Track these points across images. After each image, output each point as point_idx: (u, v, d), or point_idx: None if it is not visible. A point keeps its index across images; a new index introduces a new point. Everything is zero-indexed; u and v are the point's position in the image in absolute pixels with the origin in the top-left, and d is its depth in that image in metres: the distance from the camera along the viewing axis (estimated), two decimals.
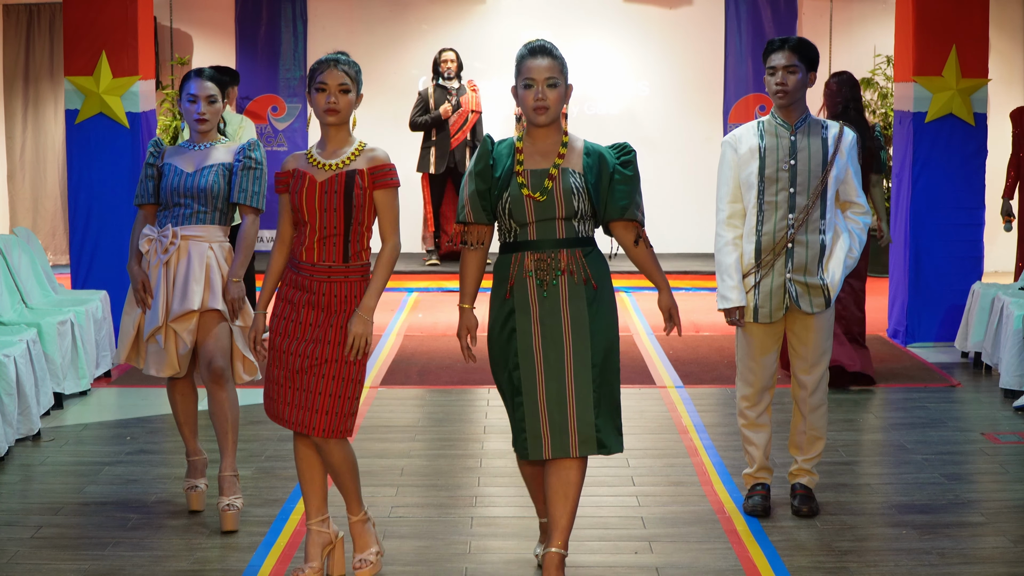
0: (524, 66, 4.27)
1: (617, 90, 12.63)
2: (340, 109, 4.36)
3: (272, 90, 12.65)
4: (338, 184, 4.33)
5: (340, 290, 4.36)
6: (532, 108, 4.25)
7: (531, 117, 4.28)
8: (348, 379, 4.37)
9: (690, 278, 11.42)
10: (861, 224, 5.22)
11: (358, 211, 4.34)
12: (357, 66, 4.44)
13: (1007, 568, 4.75)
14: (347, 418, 4.40)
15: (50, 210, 12.72)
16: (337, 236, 4.35)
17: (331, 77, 4.36)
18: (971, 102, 8.73)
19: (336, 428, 4.38)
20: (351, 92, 4.39)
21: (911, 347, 8.80)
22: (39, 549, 4.91)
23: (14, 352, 6.29)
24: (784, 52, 5.08)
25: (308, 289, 4.38)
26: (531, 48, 4.30)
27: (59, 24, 12.32)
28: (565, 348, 4.23)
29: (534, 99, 4.24)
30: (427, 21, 12.63)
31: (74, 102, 8.45)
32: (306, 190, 4.35)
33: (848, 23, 12.57)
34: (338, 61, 4.40)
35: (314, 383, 4.36)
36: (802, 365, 5.26)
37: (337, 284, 4.36)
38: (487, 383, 7.69)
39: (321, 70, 4.38)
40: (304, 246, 4.38)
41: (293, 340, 4.39)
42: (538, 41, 4.33)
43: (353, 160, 4.38)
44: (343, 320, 4.36)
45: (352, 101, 4.40)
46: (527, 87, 4.26)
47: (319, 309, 4.37)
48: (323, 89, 4.36)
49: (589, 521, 5.13)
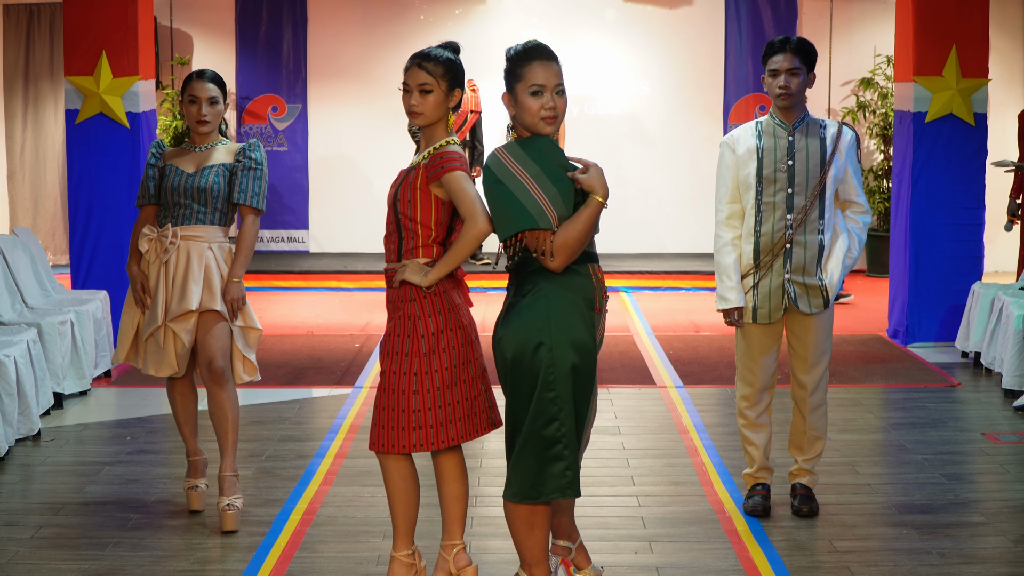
0: (528, 71, 3.97)
1: (617, 90, 12.63)
2: (424, 111, 4.19)
3: (272, 90, 12.64)
4: (400, 180, 4.25)
5: (395, 296, 4.23)
6: (540, 117, 3.97)
7: (537, 127, 3.99)
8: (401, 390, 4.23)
9: (690, 278, 11.42)
10: (861, 224, 5.22)
11: (404, 205, 4.18)
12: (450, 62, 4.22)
13: (1007, 568, 4.75)
14: (402, 432, 4.21)
15: (50, 210, 12.72)
16: (393, 234, 4.24)
17: (411, 77, 4.19)
18: (971, 102, 8.73)
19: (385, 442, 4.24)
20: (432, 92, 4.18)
21: (911, 347, 8.80)
22: (39, 549, 4.91)
23: (14, 352, 6.29)
24: (786, 54, 5.07)
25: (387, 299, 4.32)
26: (531, 49, 4.00)
27: (59, 24, 12.32)
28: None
29: (543, 107, 3.96)
30: (427, 21, 12.63)
31: (74, 102, 8.45)
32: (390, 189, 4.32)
33: (848, 23, 12.57)
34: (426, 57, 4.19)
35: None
36: (801, 365, 5.26)
37: (392, 290, 4.24)
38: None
39: (407, 69, 4.19)
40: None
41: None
42: (533, 42, 4.05)
43: (426, 158, 4.22)
44: (391, 327, 4.23)
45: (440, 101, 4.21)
46: (534, 94, 3.96)
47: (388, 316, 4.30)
48: (407, 90, 4.20)
49: (589, 521, 5.13)
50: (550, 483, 3.94)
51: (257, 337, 5.27)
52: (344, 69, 12.56)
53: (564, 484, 3.95)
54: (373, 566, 4.73)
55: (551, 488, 3.95)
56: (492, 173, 3.99)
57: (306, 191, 12.72)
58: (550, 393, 3.91)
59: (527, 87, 3.98)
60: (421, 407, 4.17)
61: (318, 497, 5.54)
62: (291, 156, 12.67)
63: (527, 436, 3.94)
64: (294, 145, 12.67)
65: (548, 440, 3.93)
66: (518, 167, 3.94)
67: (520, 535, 4.06)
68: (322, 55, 12.67)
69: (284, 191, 12.61)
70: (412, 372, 4.17)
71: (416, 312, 4.18)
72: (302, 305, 10.55)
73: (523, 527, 4.05)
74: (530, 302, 3.96)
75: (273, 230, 12.64)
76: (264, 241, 12.57)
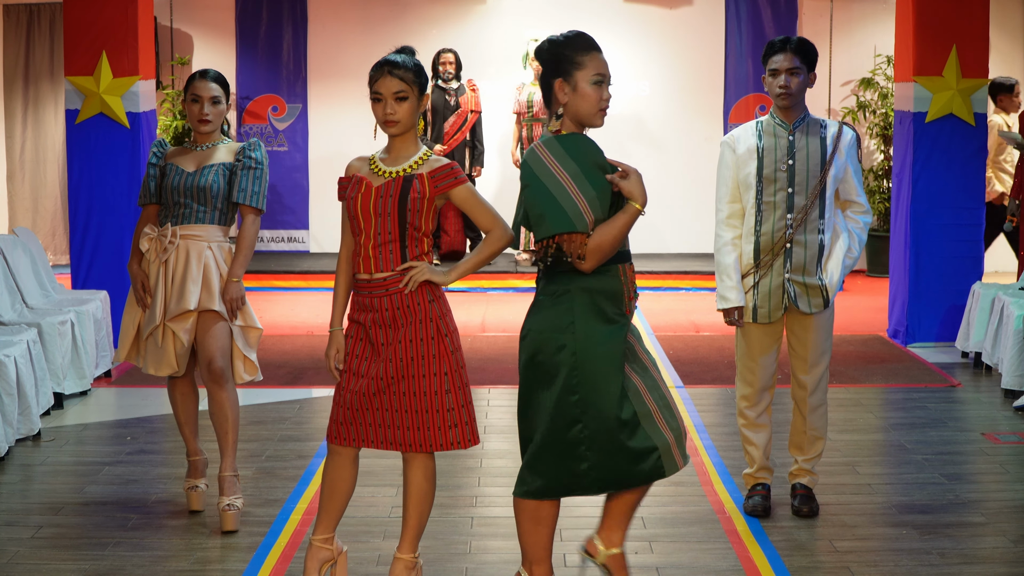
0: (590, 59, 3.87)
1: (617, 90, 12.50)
2: (401, 119, 4.15)
3: (272, 90, 12.64)
4: (394, 188, 4.15)
5: (402, 301, 4.18)
6: (599, 108, 3.90)
7: (594, 118, 3.92)
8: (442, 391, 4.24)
9: (690, 278, 11.42)
10: (861, 224, 5.21)
11: (413, 215, 4.14)
12: (419, 67, 4.22)
13: (1007, 568, 4.75)
14: (438, 431, 4.23)
15: (50, 210, 12.72)
16: (393, 243, 4.16)
17: (384, 86, 4.14)
18: (971, 102, 8.73)
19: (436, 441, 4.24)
20: (407, 99, 4.16)
21: (911, 347, 8.80)
22: (39, 549, 4.91)
23: (14, 352, 6.29)
24: (786, 54, 5.07)
25: (372, 308, 4.20)
26: (589, 38, 3.91)
27: (59, 24, 12.31)
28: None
29: (602, 98, 3.90)
30: (427, 21, 12.63)
31: (74, 102, 8.45)
32: (361, 195, 4.17)
33: (848, 23, 12.57)
34: (395, 65, 4.16)
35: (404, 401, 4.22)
36: (801, 365, 5.26)
37: (398, 296, 4.17)
38: (487, 383, 7.70)
39: (376, 78, 4.16)
40: (361, 257, 4.20)
41: (364, 361, 4.23)
42: (582, 32, 3.96)
43: (417, 167, 4.20)
44: (412, 332, 4.18)
45: (414, 109, 4.20)
46: (597, 83, 3.88)
47: (385, 327, 4.19)
48: (379, 99, 4.15)
49: (590, 521, 5.13)
50: (570, 481, 3.95)
51: (257, 336, 5.27)
52: (344, 69, 12.55)
53: (587, 483, 3.95)
54: (373, 566, 4.74)
55: (570, 486, 3.96)
56: (531, 169, 3.91)
57: (306, 191, 12.72)
58: (573, 396, 3.89)
59: (591, 75, 3.88)
60: (455, 405, 4.21)
61: (318, 497, 5.53)
62: (291, 156, 12.67)
63: (547, 438, 3.93)
64: (294, 145, 12.67)
65: (570, 442, 3.91)
66: (557, 165, 3.86)
67: (524, 529, 4.06)
68: (322, 55, 12.67)
69: (284, 191, 12.61)
70: (443, 372, 4.19)
71: (439, 312, 4.21)
72: (302, 305, 10.56)
73: (528, 522, 4.04)
74: (557, 302, 3.93)
75: (273, 230, 12.64)
76: (264, 241, 12.57)
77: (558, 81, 3.91)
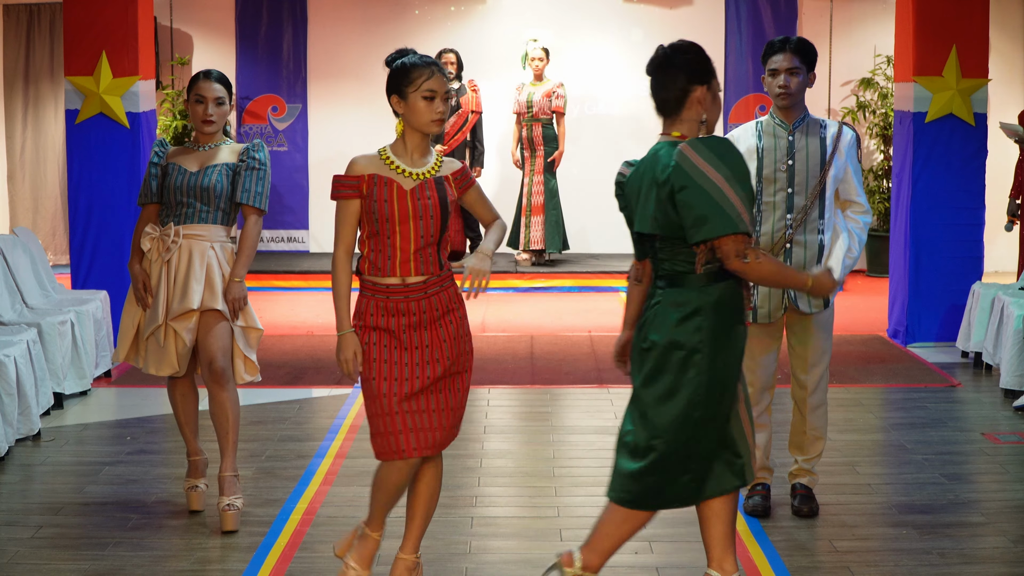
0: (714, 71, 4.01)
1: (618, 90, 12.61)
2: (445, 118, 4.21)
3: (272, 90, 12.64)
4: (430, 190, 4.15)
5: (440, 301, 4.19)
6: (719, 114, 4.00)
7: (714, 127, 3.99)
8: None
9: None
10: (861, 224, 5.21)
11: (450, 217, 4.20)
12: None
13: (1007, 568, 4.75)
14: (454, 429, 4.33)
15: (50, 210, 12.72)
16: (431, 246, 4.16)
17: (438, 83, 4.18)
18: (971, 102, 8.73)
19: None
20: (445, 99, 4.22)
21: (911, 347, 8.80)
22: (39, 549, 4.91)
23: (14, 352, 6.29)
24: (786, 54, 5.07)
25: (405, 312, 4.15)
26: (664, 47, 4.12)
27: (59, 24, 12.31)
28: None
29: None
30: (427, 21, 12.63)
31: (74, 102, 8.45)
32: (396, 198, 4.10)
33: (848, 23, 12.57)
34: (439, 67, 4.23)
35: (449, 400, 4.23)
36: (801, 365, 5.26)
37: (436, 297, 4.18)
38: (487, 383, 7.70)
39: (427, 76, 4.16)
40: (398, 261, 4.12)
41: (404, 367, 4.15)
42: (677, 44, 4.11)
43: (439, 168, 4.21)
44: (454, 329, 4.20)
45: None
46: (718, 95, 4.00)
47: (421, 328, 4.15)
48: (431, 97, 4.15)
49: (590, 521, 5.12)
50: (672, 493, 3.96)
51: (258, 337, 5.28)
52: (344, 69, 12.56)
53: (687, 495, 3.97)
54: (373, 566, 4.73)
55: (671, 499, 3.98)
56: (684, 173, 3.82)
57: (306, 191, 12.72)
58: (697, 412, 3.87)
59: (718, 88, 4.01)
60: (464, 405, 4.32)
61: (318, 497, 5.54)
62: (291, 156, 12.67)
63: (667, 449, 3.90)
64: (294, 145, 12.67)
65: (686, 454, 3.91)
66: (710, 168, 3.81)
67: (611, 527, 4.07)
68: (322, 55, 12.67)
69: (284, 191, 12.61)
70: (470, 370, 4.30)
71: (464, 309, 4.28)
72: (302, 305, 10.55)
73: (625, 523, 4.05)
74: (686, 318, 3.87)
75: (273, 230, 12.63)
76: (264, 241, 12.57)
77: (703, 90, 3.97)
